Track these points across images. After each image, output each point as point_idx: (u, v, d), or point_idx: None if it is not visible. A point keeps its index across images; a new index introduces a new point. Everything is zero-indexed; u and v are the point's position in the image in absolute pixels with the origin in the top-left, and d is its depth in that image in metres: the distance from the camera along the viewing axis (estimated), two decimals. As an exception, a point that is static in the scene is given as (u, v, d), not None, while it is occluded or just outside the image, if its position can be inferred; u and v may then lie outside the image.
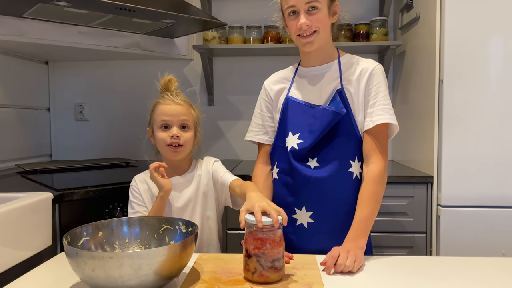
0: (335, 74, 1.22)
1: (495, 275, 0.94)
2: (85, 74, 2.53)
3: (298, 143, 1.20)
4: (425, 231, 1.80)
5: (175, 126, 1.25)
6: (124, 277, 0.76)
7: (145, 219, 1.03)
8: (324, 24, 1.16)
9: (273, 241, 0.88)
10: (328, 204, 1.18)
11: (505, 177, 1.65)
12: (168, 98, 1.27)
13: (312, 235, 1.20)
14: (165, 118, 1.25)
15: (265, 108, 1.33)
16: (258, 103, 1.35)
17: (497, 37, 1.64)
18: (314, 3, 1.13)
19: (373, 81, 1.18)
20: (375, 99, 1.17)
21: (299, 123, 1.22)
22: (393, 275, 0.95)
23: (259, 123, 1.33)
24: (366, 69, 1.20)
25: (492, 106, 1.65)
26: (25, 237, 1.23)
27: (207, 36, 2.27)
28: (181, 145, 1.25)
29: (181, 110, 1.25)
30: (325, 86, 1.22)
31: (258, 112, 1.34)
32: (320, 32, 1.16)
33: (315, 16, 1.14)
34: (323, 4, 1.15)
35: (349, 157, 1.19)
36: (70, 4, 1.63)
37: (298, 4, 1.14)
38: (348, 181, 1.19)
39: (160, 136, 1.25)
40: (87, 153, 2.52)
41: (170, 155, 1.27)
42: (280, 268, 0.89)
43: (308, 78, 1.26)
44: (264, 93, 1.33)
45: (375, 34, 2.21)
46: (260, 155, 1.34)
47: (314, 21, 1.14)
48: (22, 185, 1.62)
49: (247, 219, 0.90)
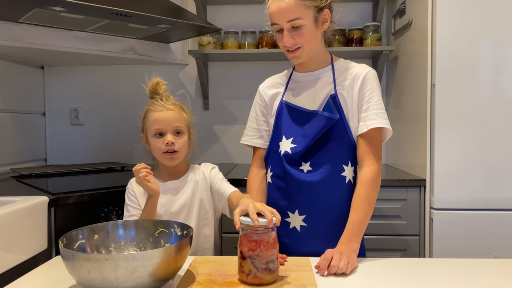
0: (329, 79, 1.24)
1: (487, 277, 0.95)
2: (80, 79, 2.54)
3: (292, 147, 1.21)
4: (418, 233, 1.81)
5: (169, 133, 1.25)
6: (119, 279, 0.77)
7: (140, 222, 1.03)
8: (309, 39, 1.16)
9: (267, 243, 0.89)
10: (321, 208, 1.19)
11: (497, 180, 1.68)
12: (158, 104, 1.26)
13: (305, 238, 1.21)
14: (158, 127, 1.25)
15: (260, 112, 1.34)
16: (253, 108, 1.36)
17: (487, 42, 1.67)
18: (296, 21, 1.13)
19: (367, 85, 1.20)
20: (369, 103, 1.19)
21: (292, 128, 1.23)
22: (386, 277, 0.96)
23: (254, 127, 1.35)
24: (359, 74, 1.21)
25: (483, 110, 1.67)
26: (20, 241, 1.23)
27: (202, 41, 2.29)
28: (177, 151, 1.25)
29: (173, 116, 1.25)
30: (319, 91, 1.24)
31: (253, 116, 1.36)
32: (305, 47, 1.17)
33: (298, 33, 1.14)
34: (307, 19, 1.14)
35: (342, 161, 1.20)
36: (66, 10, 1.64)
37: (280, 22, 1.14)
38: (341, 185, 1.20)
39: (155, 144, 1.26)
40: (82, 158, 2.52)
41: (166, 162, 1.27)
42: (274, 270, 0.90)
43: (302, 84, 1.27)
44: (259, 98, 1.34)
45: (369, 39, 2.24)
46: (254, 159, 1.35)
47: (297, 38, 1.15)
48: (17, 189, 1.62)
49: (242, 221, 0.91)
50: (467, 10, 1.67)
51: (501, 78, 1.67)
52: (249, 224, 0.90)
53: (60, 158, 2.54)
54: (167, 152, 1.25)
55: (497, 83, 1.67)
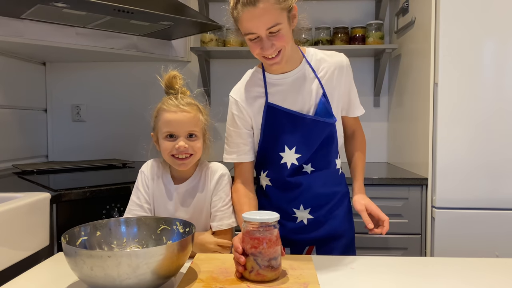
0: (310, 75, 1.21)
1: (488, 276, 0.95)
2: (82, 75, 2.53)
3: (297, 158, 1.21)
4: (419, 232, 1.81)
5: (182, 136, 1.12)
6: (122, 276, 0.77)
7: (142, 219, 1.03)
8: (287, 39, 1.09)
9: (269, 240, 0.89)
10: (323, 199, 1.26)
11: (499, 179, 1.67)
12: (172, 104, 1.13)
13: (312, 228, 1.27)
14: (170, 130, 1.12)
15: (240, 124, 1.22)
16: (231, 121, 1.24)
17: (491, 41, 1.67)
18: (275, 27, 1.05)
19: (348, 74, 1.24)
20: (352, 92, 1.27)
21: (292, 135, 1.19)
22: (388, 275, 0.96)
23: (238, 142, 1.23)
24: (339, 63, 1.22)
25: (486, 110, 1.67)
26: (22, 237, 1.24)
27: (204, 38, 2.28)
28: (188, 157, 1.14)
29: (188, 119, 1.12)
30: (305, 91, 1.20)
31: (232, 130, 1.23)
32: (286, 49, 1.10)
33: (277, 37, 1.07)
34: (283, 21, 1.06)
35: (335, 156, 1.28)
36: (69, 6, 1.64)
37: (258, 31, 1.06)
38: (335, 176, 1.29)
39: (165, 146, 1.13)
40: (84, 154, 2.52)
41: (176, 166, 1.15)
42: (277, 267, 0.90)
43: (283, 87, 1.20)
44: (237, 109, 1.23)
45: (371, 37, 2.23)
46: (239, 173, 1.24)
47: (277, 42, 1.07)
48: (19, 186, 1.62)
49: (245, 218, 0.91)
50: (470, 9, 1.66)
51: (504, 77, 1.66)
52: (251, 221, 0.90)
53: (61, 155, 2.55)
54: (175, 156, 1.13)
55: (500, 82, 1.66)
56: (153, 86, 1.26)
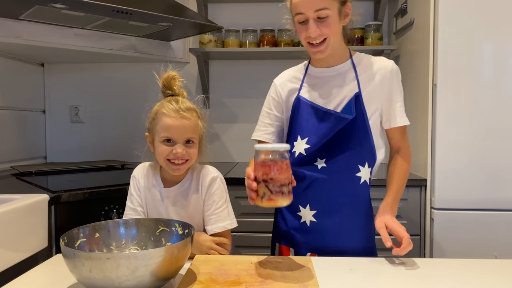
0: (351, 75, 1.21)
1: (487, 277, 0.95)
2: (80, 76, 2.53)
3: (306, 148, 1.20)
4: (418, 233, 1.81)
5: (180, 143, 1.11)
6: (121, 278, 0.77)
7: (141, 221, 1.03)
8: (334, 30, 1.13)
9: (280, 167, 0.89)
10: (332, 206, 1.19)
11: (498, 180, 1.68)
12: (173, 109, 1.10)
13: (314, 234, 1.21)
14: (168, 135, 1.11)
15: (274, 107, 1.28)
16: (267, 102, 1.30)
17: (489, 42, 1.67)
18: (323, 10, 1.09)
19: (393, 80, 1.22)
20: (395, 99, 1.22)
21: (307, 126, 1.20)
22: (386, 276, 0.96)
23: (266, 122, 1.29)
24: (384, 68, 1.21)
25: (485, 110, 1.67)
26: (20, 239, 1.23)
27: (203, 39, 2.28)
28: (183, 163, 1.13)
29: (187, 126, 1.11)
30: (340, 88, 1.20)
31: (266, 111, 1.29)
32: (330, 39, 1.13)
33: (324, 23, 1.10)
34: (333, 10, 1.10)
35: (358, 161, 1.19)
36: (67, 7, 1.64)
37: (307, 12, 1.10)
38: (355, 186, 1.19)
39: (161, 150, 1.12)
40: (82, 155, 2.51)
41: (171, 170, 1.14)
42: (288, 194, 0.90)
43: (321, 80, 1.23)
44: (274, 92, 1.28)
45: (370, 38, 2.24)
46: None
47: (324, 29, 1.11)
48: (17, 187, 1.62)
49: (256, 148, 0.92)
50: (469, 10, 1.66)
51: (503, 78, 1.67)
52: (262, 149, 0.91)
53: (60, 156, 2.54)
54: (171, 161, 1.12)
55: (499, 82, 1.67)
56: (152, 87, 1.25)
